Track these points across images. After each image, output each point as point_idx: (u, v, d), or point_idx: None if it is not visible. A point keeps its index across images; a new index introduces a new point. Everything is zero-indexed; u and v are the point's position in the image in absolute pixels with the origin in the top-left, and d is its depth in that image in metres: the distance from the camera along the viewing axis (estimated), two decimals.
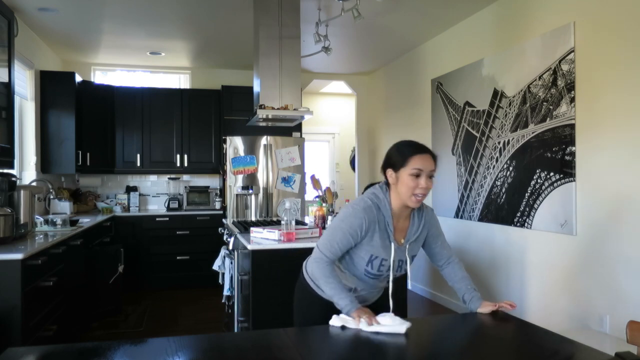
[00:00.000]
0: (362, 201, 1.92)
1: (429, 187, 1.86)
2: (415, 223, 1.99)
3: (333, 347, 1.63)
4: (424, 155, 1.87)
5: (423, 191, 1.85)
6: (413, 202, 1.87)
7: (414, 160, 1.85)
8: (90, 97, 5.76)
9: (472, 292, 1.98)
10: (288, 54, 4.00)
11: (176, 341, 1.65)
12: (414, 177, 1.84)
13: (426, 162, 1.85)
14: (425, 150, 1.89)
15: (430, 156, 1.88)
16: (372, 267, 1.92)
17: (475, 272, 4.65)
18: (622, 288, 3.14)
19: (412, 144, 1.93)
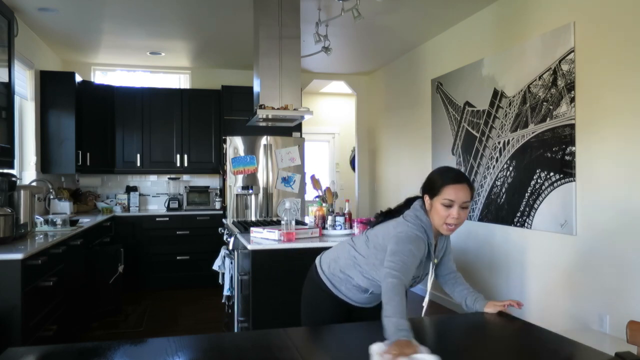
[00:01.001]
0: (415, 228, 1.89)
1: (462, 218, 1.87)
2: (443, 239, 2.05)
3: (333, 347, 1.63)
4: (457, 185, 1.86)
5: (454, 221, 1.86)
6: (445, 231, 1.90)
7: (447, 190, 1.86)
8: (90, 97, 5.76)
9: (475, 293, 2.01)
10: (288, 54, 4.00)
11: (176, 341, 1.65)
12: (446, 207, 1.85)
13: (459, 192, 1.85)
14: (461, 180, 1.88)
15: (466, 186, 1.88)
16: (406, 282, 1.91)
17: (475, 272, 4.65)
18: (622, 288, 3.14)
19: (450, 172, 1.94)
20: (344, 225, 3.49)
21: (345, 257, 2.09)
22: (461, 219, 1.87)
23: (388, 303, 1.67)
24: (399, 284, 1.72)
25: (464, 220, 1.88)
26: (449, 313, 4.86)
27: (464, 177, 1.91)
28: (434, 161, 5.34)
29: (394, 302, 1.67)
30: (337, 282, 2.08)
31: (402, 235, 1.86)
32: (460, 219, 1.86)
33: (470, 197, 1.89)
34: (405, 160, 6.10)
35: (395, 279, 1.73)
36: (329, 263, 2.15)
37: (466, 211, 1.88)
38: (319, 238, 3.28)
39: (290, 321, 2.21)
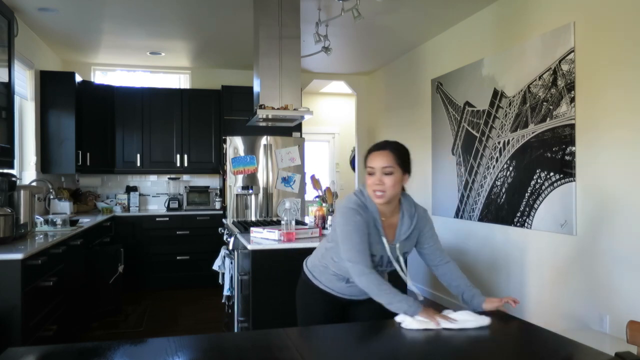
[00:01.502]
0: (351, 201, 1.94)
1: (387, 184, 1.87)
2: (405, 222, 2.00)
3: (333, 347, 1.63)
4: (376, 152, 1.91)
5: (377, 187, 1.88)
6: (376, 199, 1.91)
7: (369, 159, 1.92)
8: (90, 97, 5.76)
9: (472, 289, 1.99)
10: (288, 54, 4.00)
11: (176, 341, 1.65)
12: (370, 175, 1.90)
13: (378, 159, 1.89)
14: (382, 147, 1.92)
15: (387, 152, 1.90)
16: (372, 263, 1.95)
17: (475, 272, 4.65)
18: (622, 288, 3.14)
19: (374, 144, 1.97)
20: None
21: (321, 247, 2.17)
22: (386, 185, 1.87)
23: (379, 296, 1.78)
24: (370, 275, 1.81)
25: (390, 186, 1.88)
26: None
27: (386, 144, 1.93)
28: (434, 161, 5.34)
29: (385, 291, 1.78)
30: (318, 273, 2.11)
31: (340, 209, 1.94)
32: (384, 185, 1.87)
33: (394, 162, 1.89)
34: None
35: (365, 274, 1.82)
36: (312, 258, 2.22)
37: (391, 177, 1.88)
38: (319, 238, 3.28)
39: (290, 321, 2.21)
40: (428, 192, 5.45)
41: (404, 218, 2.00)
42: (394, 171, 1.88)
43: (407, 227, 1.99)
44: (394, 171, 1.88)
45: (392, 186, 1.88)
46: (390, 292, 1.79)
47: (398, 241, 1.99)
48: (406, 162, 1.95)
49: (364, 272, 1.83)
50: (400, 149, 1.94)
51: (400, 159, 1.91)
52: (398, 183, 1.91)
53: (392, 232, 1.99)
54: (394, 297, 1.77)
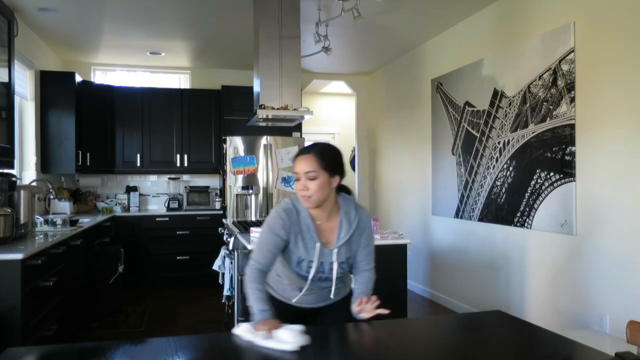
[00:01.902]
0: (283, 203, 1.96)
1: (311, 189, 1.85)
2: (344, 227, 1.95)
3: (333, 347, 1.63)
4: (300, 157, 1.89)
5: (303, 193, 1.86)
6: (304, 204, 1.89)
7: (294, 164, 1.90)
8: (90, 97, 5.76)
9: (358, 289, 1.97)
10: (288, 54, 4.00)
11: (176, 341, 1.65)
12: (297, 180, 1.89)
13: (301, 164, 1.87)
14: (305, 152, 1.90)
15: (310, 156, 1.87)
16: (301, 269, 1.93)
17: (475, 272, 4.65)
18: (622, 288, 3.14)
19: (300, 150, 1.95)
20: None
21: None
22: (310, 190, 1.85)
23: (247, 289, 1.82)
24: (253, 270, 1.84)
25: (315, 191, 1.85)
26: (449, 313, 4.86)
27: (311, 148, 1.90)
28: (434, 161, 5.34)
29: (250, 290, 1.80)
30: (274, 283, 2.08)
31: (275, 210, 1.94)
32: (308, 190, 1.85)
33: (318, 166, 1.85)
34: (405, 160, 6.10)
35: (250, 267, 1.85)
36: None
37: (315, 182, 1.85)
38: None
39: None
40: (428, 192, 5.45)
41: (342, 222, 1.95)
42: (318, 175, 1.85)
43: (346, 231, 1.95)
44: (317, 175, 1.85)
45: (317, 190, 1.85)
46: (253, 294, 1.79)
47: (336, 246, 1.93)
48: (333, 165, 1.90)
49: (251, 266, 1.86)
50: (325, 152, 1.89)
51: (324, 162, 1.86)
52: (324, 187, 1.86)
53: (332, 236, 1.95)
54: (252, 299, 1.78)
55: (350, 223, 1.95)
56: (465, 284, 4.82)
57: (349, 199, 2.02)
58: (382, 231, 3.39)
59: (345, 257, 1.96)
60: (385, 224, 6.37)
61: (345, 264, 1.97)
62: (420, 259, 5.62)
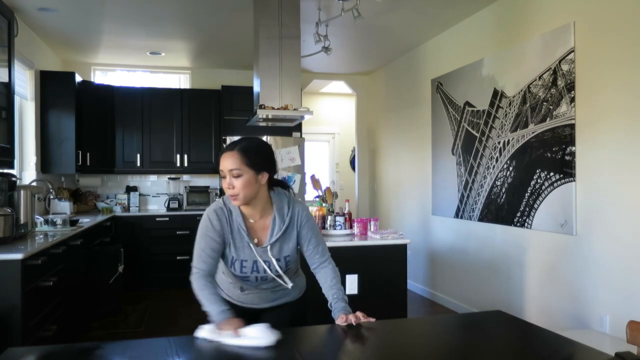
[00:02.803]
0: (214, 203, 1.92)
1: (237, 187, 1.78)
2: (277, 223, 1.89)
3: (332, 347, 1.62)
4: (224, 154, 1.81)
5: (229, 191, 1.80)
6: (233, 202, 1.84)
7: (220, 162, 1.82)
8: (90, 97, 5.76)
9: (337, 302, 1.87)
10: (288, 54, 4.00)
11: (176, 341, 1.65)
12: (223, 178, 1.82)
13: (224, 161, 1.80)
14: (229, 148, 1.82)
15: (234, 153, 1.79)
16: (235, 269, 1.90)
17: (475, 272, 4.65)
18: (622, 288, 3.14)
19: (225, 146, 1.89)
20: (344, 225, 3.49)
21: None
22: (236, 188, 1.78)
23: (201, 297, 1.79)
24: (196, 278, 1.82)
25: (241, 189, 1.78)
26: (449, 313, 4.86)
27: (235, 144, 1.82)
28: (434, 161, 5.34)
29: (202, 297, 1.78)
30: (220, 282, 2.05)
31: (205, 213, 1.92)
32: (234, 188, 1.78)
33: (242, 163, 1.77)
34: (405, 160, 6.10)
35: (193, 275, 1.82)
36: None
37: (240, 179, 1.78)
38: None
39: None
40: (428, 192, 5.45)
41: (275, 219, 1.89)
42: (243, 173, 1.77)
43: (279, 227, 1.89)
44: (242, 173, 1.77)
45: (242, 188, 1.78)
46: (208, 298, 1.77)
47: (269, 243, 1.88)
48: (259, 161, 1.81)
49: (194, 275, 1.82)
50: (249, 149, 1.81)
51: (248, 159, 1.78)
52: (250, 184, 1.79)
53: (265, 233, 1.90)
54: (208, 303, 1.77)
55: (283, 219, 1.89)
56: (465, 284, 4.82)
57: (282, 194, 1.94)
58: (382, 231, 3.39)
59: (282, 255, 1.90)
60: (385, 224, 6.37)
61: (283, 261, 1.91)
62: (420, 259, 5.62)
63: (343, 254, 3.19)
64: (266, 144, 1.93)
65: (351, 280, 3.20)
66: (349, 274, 3.20)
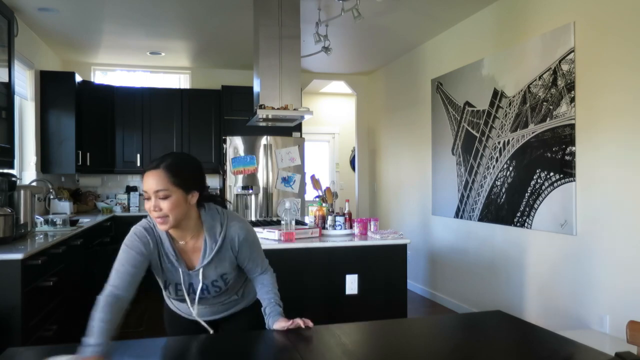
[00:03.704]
0: (138, 225, 1.75)
1: (164, 209, 1.60)
2: (208, 245, 1.73)
3: (332, 347, 1.62)
4: (147, 173, 1.63)
5: (155, 214, 1.61)
6: (158, 225, 1.65)
7: (143, 182, 1.64)
8: (90, 97, 5.76)
9: (273, 306, 1.80)
10: (288, 54, 4.00)
11: (176, 341, 1.65)
12: (147, 200, 1.63)
13: (148, 181, 1.61)
14: (152, 167, 1.63)
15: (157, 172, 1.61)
16: (171, 293, 1.81)
17: (475, 272, 4.65)
18: (622, 288, 3.14)
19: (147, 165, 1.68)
20: (344, 225, 3.49)
21: None
22: (164, 210, 1.60)
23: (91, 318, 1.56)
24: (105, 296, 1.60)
25: (169, 211, 1.60)
26: (449, 313, 4.86)
27: (160, 162, 1.63)
28: (434, 161, 5.34)
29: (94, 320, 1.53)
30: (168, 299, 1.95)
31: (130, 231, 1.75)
32: (162, 210, 1.60)
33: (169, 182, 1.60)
34: (405, 160, 6.10)
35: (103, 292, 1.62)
36: None
37: (168, 201, 1.60)
38: (318, 238, 3.28)
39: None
40: (428, 192, 5.45)
41: (206, 239, 1.74)
42: (171, 193, 1.60)
43: (210, 249, 1.73)
44: (170, 194, 1.60)
45: (171, 210, 1.60)
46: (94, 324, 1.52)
47: (200, 266, 1.74)
48: (188, 180, 1.65)
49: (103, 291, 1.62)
50: (176, 166, 1.63)
51: (176, 178, 1.61)
52: (180, 205, 1.62)
53: (197, 256, 1.76)
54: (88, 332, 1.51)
55: (215, 239, 1.73)
56: (465, 284, 4.82)
57: (214, 212, 1.77)
58: (382, 231, 3.39)
59: (218, 275, 1.77)
60: (385, 224, 6.37)
61: (220, 281, 1.78)
62: (420, 259, 5.62)
63: (343, 254, 3.19)
64: (195, 159, 1.76)
65: (351, 280, 3.20)
66: (349, 274, 3.20)
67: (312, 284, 3.13)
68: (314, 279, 3.14)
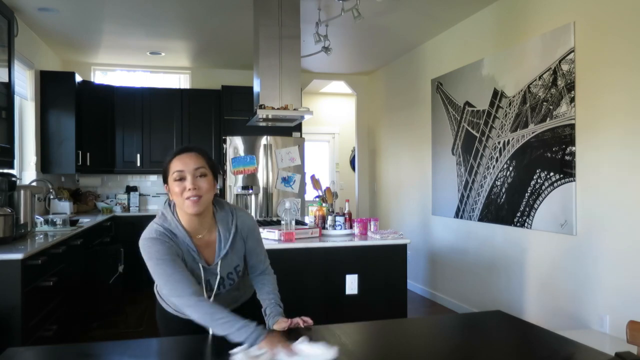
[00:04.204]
0: (151, 230, 1.73)
1: (202, 187, 1.65)
2: (222, 237, 1.76)
3: (333, 346, 1.62)
4: (182, 155, 1.68)
5: (192, 192, 1.64)
6: (189, 207, 1.66)
7: (173, 164, 1.68)
8: (90, 97, 5.76)
9: (274, 307, 1.80)
10: (288, 54, 4.00)
11: (176, 341, 1.65)
12: (179, 181, 1.66)
13: (185, 160, 1.66)
14: (186, 150, 1.69)
15: (194, 153, 1.67)
16: None
17: (475, 272, 4.65)
18: (622, 288, 3.14)
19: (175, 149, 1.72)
20: (344, 225, 3.49)
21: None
22: (202, 189, 1.64)
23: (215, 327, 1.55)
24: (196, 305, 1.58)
25: (206, 190, 1.65)
26: (449, 313, 4.86)
27: (191, 147, 1.71)
28: (434, 161, 5.34)
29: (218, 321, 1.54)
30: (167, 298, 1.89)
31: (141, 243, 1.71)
32: (199, 188, 1.63)
33: (206, 163, 1.67)
34: (405, 160, 6.10)
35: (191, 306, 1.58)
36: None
37: (206, 179, 1.65)
38: (318, 238, 3.28)
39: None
40: (428, 192, 5.45)
41: (220, 230, 1.76)
42: (207, 173, 1.67)
43: (225, 240, 1.76)
44: (207, 173, 1.67)
45: (208, 190, 1.66)
46: (227, 320, 1.54)
47: (218, 259, 1.75)
48: (215, 167, 1.73)
49: (190, 304, 1.59)
50: (206, 152, 1.73)
51: (210, 161, 1.70)
52: (212, 187, 1.68)
53: (212, 251, 1.76)
54: (231, 326, 1.52)
55: (228, 229, 1.77)
56: (465, 284, 4.82)
57: (222, 203, 1.82)
58: (382, 231, 3.39)
59: (233, 267, 1.80)
60: (385, 224, 6.37)
61: (234, 273, 1.81)
62: (420, 259, 5.62)
63: (343, 254, 3.19)
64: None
65: (351, 280, 3.20)
66: (349, 274, 3.20)
67: (312, 284, 3.13)
68: (314, 279, 3.14)
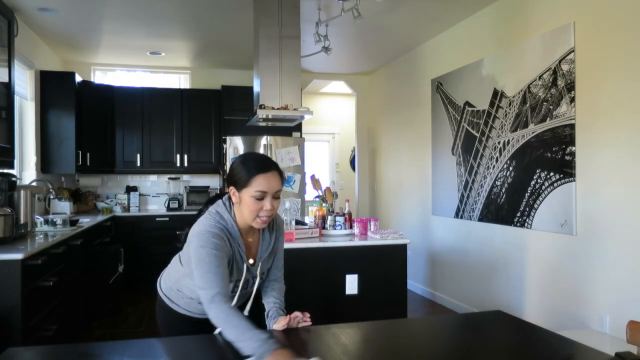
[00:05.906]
0: (210, 224, 1.68)
1: (276, 208, 1.69)
2: (267, 238, 1.83)
3: (332, 347, 1.62)
4: (268, 174, 1.66)
5: (268, 213, 1.67)
6: (258, 225, 1.71)
7: (257, 180, 1.65)
8: (90, 97, 5.76)
9: (277, 310, 1.83)
10: (288, 54, 4.00)
11: (176, 341, 1.65)
12: (257, 200, 1.65)
13: (271, 181, 1.66)
14: (271, 167, 1.69)
15: (276, 173, 1.69)
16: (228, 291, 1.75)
17: (475, 272, 4.65)
18: (622, 288, 3.14)
19: (257, 160, 1.71)
20: (344, 225, 3.49)
21: (174, 270, 1.95)
22: (275, 210, 1.69)
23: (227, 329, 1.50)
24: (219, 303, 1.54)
25: (277, 210, 1.72)
26: (449, 313, 4.86)
27: (272, 163, 1.70)
28: (434, 161, 5.34)
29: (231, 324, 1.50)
30: (175, 297, 1.92)
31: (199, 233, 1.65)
32: (273, 210, 1.68)
33: (282, 184, 1.71)
34: (405, 160, 6.10)
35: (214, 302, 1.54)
36: (165, 280, 2.01)
37: (279, 201, 1.70)
38: (318, 238, 3.28)
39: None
40: (428, 192, 5.45)
41: (265, 234, 1.82)
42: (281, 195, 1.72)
43: (267, 243, 1.83)
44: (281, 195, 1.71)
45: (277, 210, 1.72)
46: (239, 326, 1.48)
47: (260, 260, 1.82)
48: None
49: (214, 300, 1.55)
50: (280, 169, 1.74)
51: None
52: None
53: (254, 251, 1.81)
54: (241, 334, 1.46)
55: (270, 233, 1.84)
56: (465, 284, 4.82)
57: None
58: (382, 231, 3.39)
59: (266, 268, 1.86)
60: (385, 224, 6.37)
61: (265, 273, 1.87)
62: (420, 259, 5.62)
63: (343, 254, 3.19)
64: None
65: (351, 280, 3.20)
66: (349, 274, 3.20)
67: (312, 284, 3.13)
68: (314, 279, 3.14)
